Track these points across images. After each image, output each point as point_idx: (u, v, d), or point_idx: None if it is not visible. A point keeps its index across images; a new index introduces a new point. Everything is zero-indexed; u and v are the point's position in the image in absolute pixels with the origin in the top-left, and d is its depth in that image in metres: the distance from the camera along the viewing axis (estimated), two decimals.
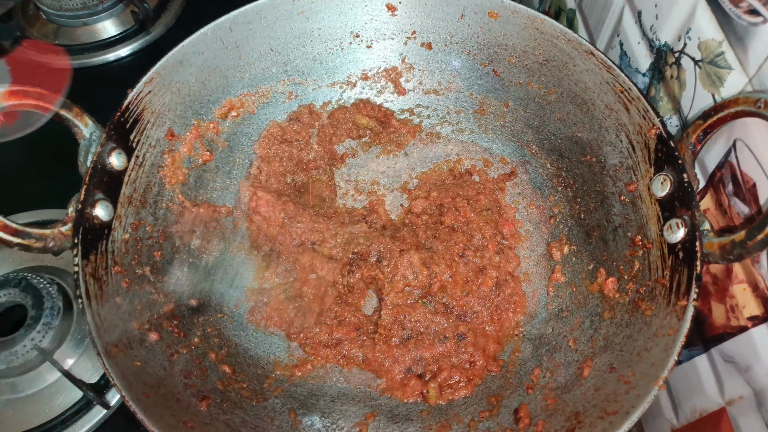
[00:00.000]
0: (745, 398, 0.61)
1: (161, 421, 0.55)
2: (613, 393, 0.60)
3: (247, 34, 0.79)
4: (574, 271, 0.77)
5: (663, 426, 0.77)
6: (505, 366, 0.73)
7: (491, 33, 0.80)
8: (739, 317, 0.61)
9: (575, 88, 0.76)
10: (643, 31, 0.75)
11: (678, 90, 0.69)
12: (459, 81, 0.88)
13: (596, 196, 0.76)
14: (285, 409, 0.69)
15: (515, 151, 0.87)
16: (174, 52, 0.72)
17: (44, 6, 1.11)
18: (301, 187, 0.85)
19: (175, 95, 0.74)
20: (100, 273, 0.62)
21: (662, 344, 0.58)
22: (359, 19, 0.84)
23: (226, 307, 0.76)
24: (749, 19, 0.55)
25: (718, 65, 0.61)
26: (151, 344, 0.64)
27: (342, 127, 0.87)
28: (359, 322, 0.75)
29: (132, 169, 0.70)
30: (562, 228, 0.81)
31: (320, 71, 0.87)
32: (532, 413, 0.66)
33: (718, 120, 0.58)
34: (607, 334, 0.68)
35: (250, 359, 0.73)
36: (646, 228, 0.67)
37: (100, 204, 0.64)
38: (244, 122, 0.84)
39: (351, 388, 0.72)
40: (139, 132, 0.70)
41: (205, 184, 0.81)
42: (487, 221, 0.81)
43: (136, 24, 1.14)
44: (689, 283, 0.59)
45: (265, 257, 0.80)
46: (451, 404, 0.70)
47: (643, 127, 0.67)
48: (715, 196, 0.64)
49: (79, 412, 0.76)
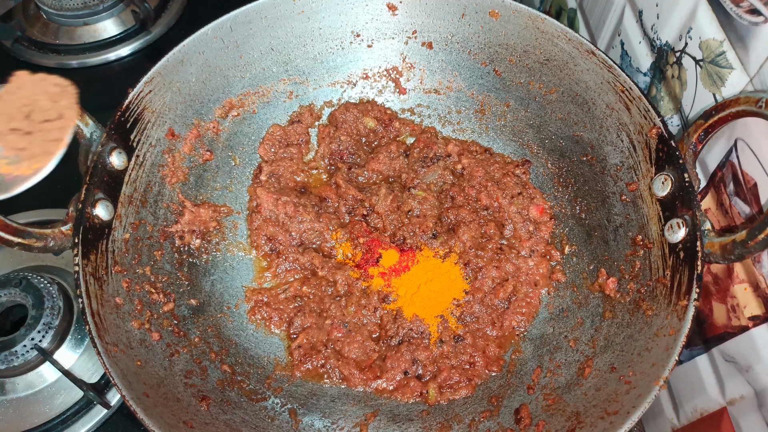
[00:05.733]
0: (746, 398, 0.61)
1: (161, 420, 0.55)
2: (613, 393, 0.60)
3: (247, 33, 0.78)
4: (574, 271, 0.77)
5: (664, 426, 0.77)
6: (505, 366, 0.73)
7: (492, 32, 0.80)
8: (740, 317, 0.61)
9: (576, 88, 0.76)
10: (644, 30, 0.75)
11: (679, 89, 0.69)
12: (460, 80, 0.87)
13: (597, 195, 0.76)
14: (285, 409, 0.69)
15: (516, 151, 0.87)
16: (174, 52, 0.72)
17: (45, 6, 1.11)
18: (301, 187, 0.85)
19: (176, 95, 0.74)
20: (100, 273, 0.62)
21: (663, 344, 0.58)
22: (360, 18, 0.84)
23: (226, 307, 0.76)
24: (750, 19, 0.55)
25: (719, 65, 0.60)
26: (151, 344, 0.64)
27: (342, 126, 0.87)
28: (359, 322, 0.75)
29: (132, 169, 0.70)
30: (562, 228, 0.81)
31: (321, 71, 0.87)
32: (533, 413, 0.66)
33: (719, 120, 0.58)
34: (607, 334, 0.68)
35: (250, 359, 0.73)
36: (647, 228, 0.67)
37: (100, 203, 0.64)
38: (245, 122, 0.84)
39: (351, 389, 0.72)
40: (139, 131, 0.70)
41: (205, 183, 0.81)
42: (517, 207, 0.81)
43: (137, 23, 1.14)
44: (690, 283, 0.58)
45: (265, 257, 0.80)
46: (452, 404, 0.70)
47: (644, 127, 0.67)
48: (716, 196, 0.64)
49: (79, 411, 0.76)
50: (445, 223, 0.82)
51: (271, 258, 0.80)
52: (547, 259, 0.79)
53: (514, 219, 0.81)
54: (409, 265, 0.79)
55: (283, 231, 0.80)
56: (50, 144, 0.52)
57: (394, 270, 0.78)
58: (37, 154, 0.52)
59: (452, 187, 0.84)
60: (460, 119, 0.90)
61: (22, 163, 0.51)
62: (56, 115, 0.54)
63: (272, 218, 0.81)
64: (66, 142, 0.53)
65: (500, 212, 0.82)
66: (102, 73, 1.12)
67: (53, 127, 0.53)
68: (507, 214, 0.81)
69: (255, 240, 0.80)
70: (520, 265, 0.78)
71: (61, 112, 0.54)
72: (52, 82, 0.56)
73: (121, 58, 1.13)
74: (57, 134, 0.53)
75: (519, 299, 0.76)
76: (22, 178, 0.50)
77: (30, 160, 0.51)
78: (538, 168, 0.85)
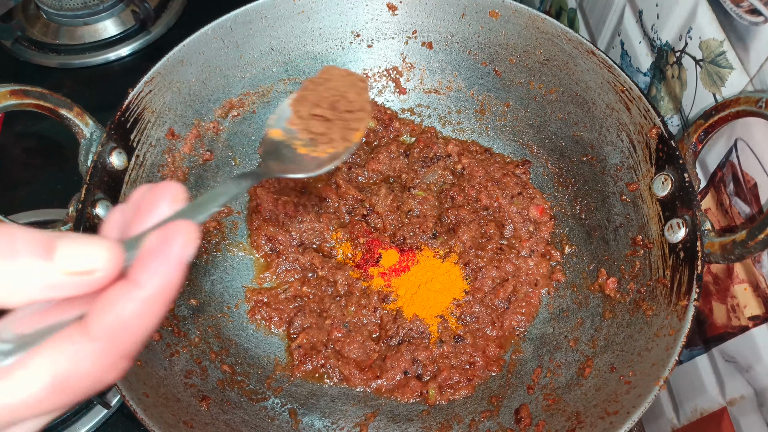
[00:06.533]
0: (746, 398, 0.61)
1: (161, 420, 0.55)
2: (613, 393, 0.60)
3: (247, 33, 0.78)
4: (574, 271, 0.77)
5: (664, 426, 0.77)
6: (505, 366, 0.73)
7: (492, 32, 0.80)
8: (740, 317, 0.61)
9: (576, 88, 0.76)
10: (644, 30, 0.75)
11: (679, 89, 0.69)
12: (460, 80, 0.87)
13: (597, 195, 0.76)
14: (285, 409, 0.69)
15: (516, 151, 0.87)
16: (174, 52, 0.72)
17: (45, 6, 1.11)
18: (302, 187, 0.85)
19: (176, 95, 0.74)
20: None
21: (663, 344, 0.58)
22: (360, 18, 0.84)
23: (226, 307, 0.76)
24: (750, 19, 0.55)
25: (719, 65, 0.60)
26: (151, 344, 0.64)
27: None
28: (359, 322, 0.75)
29: (132, 169, 0.70)
30: (563, 228, 0.81)
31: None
32: (533, 413, 0.66)
33: (719, 120, 0.58)
34: (608, 334, 0.68)
35: (250, 359, 0.73)
36: (647, 228, 0.67)
37: (100, 203, 0.64)
38: (245, 122, 0.84)
39: (351, 389, 0.72)
40: (139, 131, 0.70)
41: (205, 184, 0.81)
42: (518, 207, 0.81)
43: (137, 23, 1.14)
44: (690, 283, 0.58)
45: (265, 257, 0.80)
46: (452, 404, 0.70)
47: (644, 127, 0.67)
48: (716, 196, 0.64)
49: (79, 411, 0.76)
50: (445, 223, 0.82)
51: (271, 258, 0.80)
52: (547, 259, 0.79)
53: (514, 219, 0.81)
54: (409, 265, 0.79)
55: (283, 231, 0.80)
56: (349, 132, 0.55)
57: (394, 270, 0.79)
58: (335, 139, 0.54)
59: (452, 187, 0.84)
60: (460, 119, 0.90)
61: (318, 147, 0.53)
62: (358, 108, 0.57)
63: (272, 218, 0.81)
64: (363, 132, 0.56)
65: (500, 212, 0.82)
66: (102, 73, 1.12)
67: (353, 117, 0.56)
68: (507, 214, 0.81)
69: (255, 240, 0.80)
70: (520, 265, 0.78)
71: (362, 105, 0.57)
72: (357, 78, 0.59)
73: (121, 58, 1.13)
74: (356, 125, 0.55)
75: (519, 299, 0.76)
76: (319, 160, 0.52)
77: (326, 145, 0.54)
78: (538, 168, 0.85)
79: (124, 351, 0.28)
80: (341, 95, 0.57)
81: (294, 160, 0.52)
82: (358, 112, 0.56)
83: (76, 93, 1.09)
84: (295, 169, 0.51)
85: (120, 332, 0.27)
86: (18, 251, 0.25)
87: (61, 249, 0.26)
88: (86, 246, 0.26)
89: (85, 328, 0.26)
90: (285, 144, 0.53)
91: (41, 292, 0.26)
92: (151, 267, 0.27)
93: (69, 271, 0.26)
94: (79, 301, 0.27)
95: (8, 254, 0.25)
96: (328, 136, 0.54)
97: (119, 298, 0.27)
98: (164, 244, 0.28)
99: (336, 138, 0.54)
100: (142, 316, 0.27)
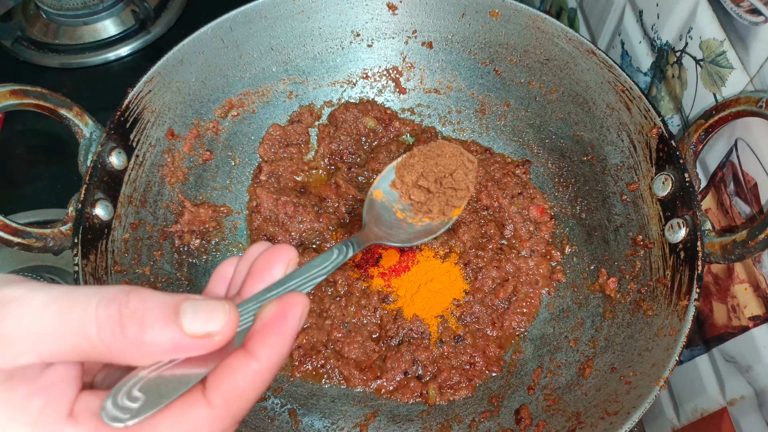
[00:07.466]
0: (747, 398, 0.61)
1: None
2: (614, 393, 0.60)
3: (247, 33, 0.78)
4: (575, 272, 0.77)
5: (664, 426, 0.77)
6: (506, 366, 0.73)
7: (492, 32, 0.80)
8: (740, 317, 0.61)
9: (576, 88, 0.76)
10: (644, 30, 0.75)
11: (679, 89, 0.69)
12: (460, 80, 0.87)
13: (597, 195, 0.76)
14: (285, 409, 0.69)
15: (516, 151, 0.87)
16: (174, 52, 0.72)
17: (45, 5, 1.11)
18: (301, 187, 0.85)
19: (176, 94, 0.74)
20: (99, 273, 0.62)
21: (663, 344, 0.58)
22: (360, 18, 0.84)
23: None
24: (751, 19, 0.55)
25: (719, 64, 0.60)
26: None
27: (342, 126, 0.87)
28: (359, 322, 0.75)
29: (132, 169, 0.69)
30: (563, 228, 0.81)
31: (321, 70, 0.87)
32: (533, 413, 0.65)
33: (720, 119, 0.58)
34: (608, 334, 0.68)
35: None
36: (647, 228, 0.67)
37: (100, 203, 0.64)
38: (245, 122, 0.84)
39: (351, 389, 0.71)
40: (139, 131, 0.70)
41: (205, 183, 0.81)
42: (518, 207, 0.81)
43: (137, 23, 1.14)
44: (690, 283, 0.58)
45: None
46: (452, 405, 0.70)
47: (645, 127, 0.67)
48: (717, 196, 0.64)
49: None
50: None
51: None
52: (548, 259, 0.79)
53: (514, 219, 0.81)
54: (409, 265, 0.79)
55: (283, 231, 0.80)
56: (448, 208, 0.58)
57: (394, 270, 0.78)
58: (432, 211, 0.57)
59: None
60: (460, 119, 0.90)
61: (415, 215, 0.57)
62: (463, 187, 0.59)
63: (272, 218, 0.81)
64: (461, 210, 0.58)
65: (500, 212, 0.82)
66: (102, 73, 1.12)
67: (455, 195, 0.58)
68: (507, 214, 0.81)
69: (255, 240, 0.80)
70: (520, 265, 0.78)
71: (467, 185, 0.59)
72: (468, 158, 0.60)
73: (121, 58, 1.13)
74: (456, 202, 0.58)
75: (519, 299, 0.76)
76: (414, 229, 0.56)
77: (423, 214, 0.57)
78: (538, 168, 0.85)
79: (238, 417, 0.29)
80: (449, 173, 0.58)
81: (391, 226, 0.55)
82: (462, 191, 0.58)
83: (75, 93, 1.08)
84: (391, 237, 0.54)
85: (236, 400, 0.28)
86: (151, 318, 0.27)
87: (186, 313, 0.28)
88: (209, 311, 0.28)
89: (205, 396, 0.28)
90: (385, 206, 0.57)
91: (168, 354, 0.28)
92: (268, 341, 0.29)
93: (194, 335, 0.28)
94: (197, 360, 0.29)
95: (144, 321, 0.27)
96: (427, 206, 0.56)
97: (237, 369, 0.28)
98: (281, 319, 0.30)
99: (434, 210, 0.56)
100: (257, 386, 0.29)
